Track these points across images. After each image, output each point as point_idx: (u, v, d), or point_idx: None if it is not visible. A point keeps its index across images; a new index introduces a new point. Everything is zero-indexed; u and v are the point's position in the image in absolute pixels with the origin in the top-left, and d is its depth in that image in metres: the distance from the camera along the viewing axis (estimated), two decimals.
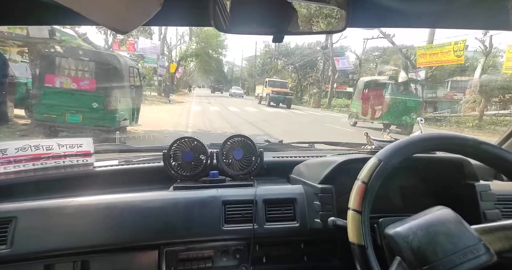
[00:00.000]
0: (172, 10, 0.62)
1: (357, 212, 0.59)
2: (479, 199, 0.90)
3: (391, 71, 18.76)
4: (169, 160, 1.06)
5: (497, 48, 16.98)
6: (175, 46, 25.54)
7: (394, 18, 0.71)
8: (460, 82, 18.51)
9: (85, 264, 0.85)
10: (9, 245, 0.80)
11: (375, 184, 0.60)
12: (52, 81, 5.10)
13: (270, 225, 0.93)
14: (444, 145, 0.63)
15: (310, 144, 1.44)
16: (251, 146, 1.11)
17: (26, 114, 5.89)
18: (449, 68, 17.16)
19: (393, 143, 0.64)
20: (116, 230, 0.86)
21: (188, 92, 29.10)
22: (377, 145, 1.04)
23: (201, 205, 0.92)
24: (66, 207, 0.87)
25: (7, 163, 0.99)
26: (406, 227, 0.59)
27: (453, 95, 17.80)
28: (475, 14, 0.58)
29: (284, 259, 0.96)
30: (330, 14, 0.83)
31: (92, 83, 5.26)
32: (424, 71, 11.76)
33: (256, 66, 39.55)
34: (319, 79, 24.33)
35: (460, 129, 10.93)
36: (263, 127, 8.68)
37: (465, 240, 0.56)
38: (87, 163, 1.09)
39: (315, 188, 0.94)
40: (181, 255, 0.90)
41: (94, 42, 10.41)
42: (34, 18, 0.70)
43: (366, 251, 0.57)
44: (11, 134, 5.27)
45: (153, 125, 7.21)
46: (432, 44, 11.37)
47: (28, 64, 7.28)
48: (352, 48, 42.64)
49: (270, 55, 34.51)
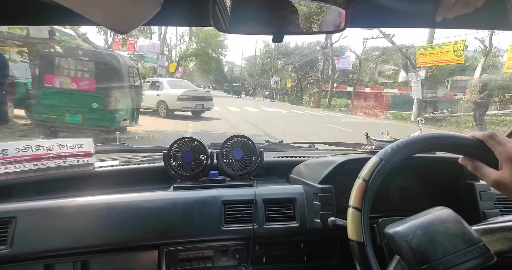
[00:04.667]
0: (172, 10, 0.62)
1: (357, 209, 0.59)
2: (478, 199, 0.90)
3: (391, 70, 18.79)
4: (169, 160, 1.06)
5: (497, 48, 17.01)
6: (175, 46, 25.56)
7: (394, 18, 0.71)
8: (460, 81, 18.52)
9: (85, 264, 0.85)
10: (9, 245, 0.80)
11: (375, 183, 0.60)
12: (51, 81, 5.10)
13: (270, 225, 0.93)
14: (445, 145, 0.63)
15: (310, 144, 1.44)
16: (251, 146, 1.11)
17: (26, 114, 5.89)
18: (449, 67, 17.18)
19: (393, 142, 0.64)
20: (116, 230, 0.86)
21: None
22: (377, 145, 1.04)
23: (201, 205, 0.92)
24: (66, 207, 0.87)
25: (7, 164, 0.99)
26: (405, 226, 0.60)
27: (453, 95, 17.82)
28: (475, 14, 0.58)
29: (284, 259, 0.96)
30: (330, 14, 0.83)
31: (92, 83, 5.26)
32: (424, 70, 11.75)
33: (256, 66, 39.58)
34: (318, 79, 24.33)
35: (460, 129, 10.93)
36: (262, 127, 8.69)
37: (465, 241, 0.56)
38: (87, 164, 1.09)
39: (315, 188, 0.94)
40: (181, 255, 0.90)
41: (94, 42, 10.41)
42: (34, 18, 0.70)
43: (365, 248, 0.57)
44: (11, 134, 5.27)
45: (153, 125, 7.22)
46: (432, 44, 11.37)
47: (28, 64, 7.28)
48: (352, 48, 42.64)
49: (270, 55, 34.54)
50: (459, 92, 17.16)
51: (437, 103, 18.37)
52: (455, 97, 17.15)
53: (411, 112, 13.05)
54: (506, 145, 0.55)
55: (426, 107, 16.30)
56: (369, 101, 17.78)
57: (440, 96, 18.90)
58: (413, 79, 12.20)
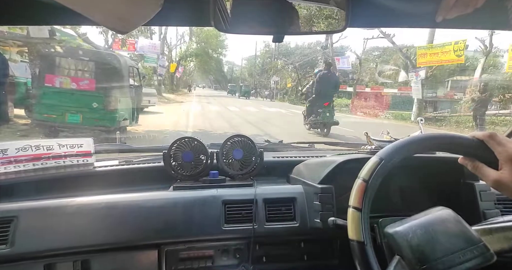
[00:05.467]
0: (172, 10, 0.62)
1: (357, 209, 0.59)
2: (479, 199, 0.90)
3: (391, 70, 18.83)
4: (169, 160, 1.06)
5: (497, 48, 17.00)
6: (175, 46, 25.59)
7: (394, 18, 0.71)
8: (460, 81, 18.51)
9: (86, 263, 0.85)
10: (10, 245, 0.80)
11: (375, 182, 0.61)
12: (52, 81, 5.10)
13: (270, 224, 0.93)
14: (445, 144, 0.63)
15: (310, 144, 1.44)
16: (251, 146, 1.11)
17: (26, 114, 5.89)
18: (449, 67, 17.18)
19: (393, 142, 0.64)
20: (117, 230, 0.86)
21: (187, 92, 29.05)
22: (377, 145, 1.04)
23: (201, 205, 0.92)
24: (67, 206, 0.87)
25: (7, 163, 0.99)
26: (406, 226, 0.60)
27: (453, 94, 17.81)
28: (475, 14, 0.58)
29: (284, 259, 0.96)
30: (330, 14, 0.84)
31: (92, 83, 5.25)
32: (424, 70, 11.75)
33: (256, 65, 39.58)
34: None
35: (460, 129, 10.92)
36: (262, 127, 8.69)
37: (465, 240, 0.56)
38: (87, 163, 1.09)
39: (315, 188, 0.94)
40: (181, 255, 0.91)
41: (94, 42, 10.41)
42: (34, 18, 0.70)
43: (365, 247, 0.57)
44: (11, 134, 5.28)
45: (153, 125, 7.21)
46: (432, 44, 11.38)
47: (28, 64, 7.28)
48: (352, 48, 42.68)
49: (270, 54, 34.54)
50: (459, 92, 17.14)
51: (437, 103, 18.35)
52: (455, 97, 17.13)
53: (411, 112, 13.05)
54: (506, 145, 0.55)
55: (426, 107, 16.29)
56: (369, 101, 17.77)
57: (440, 96, 18.88)
58: (413, 79, 12.21)
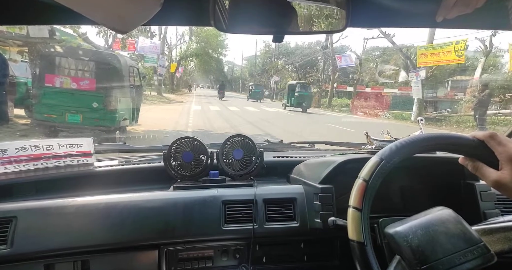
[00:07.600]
0: (172, 10, 0.61)
1: (357, 209, 0.59)
2: (479, 199, 0.90)
3: (391, 70, 18.81)
4: (169, 160, 1.06)
5: (497, 48, 16.99)
6: (175, 45, 25.58)
7: (394, 18, 0.71)
8: (461, 81, 18.52)
9: (85, 263, 0.85)
10: (9, 245, 0.80)
11: (375, 182, 0.60)
12: (52, 81, 5.09)
13: (270, 225, 0.93)
14: (445, 144, 0.63)
15: (310, 144, 1.44)
16: (251, 146, 1.11)
17: (26, 114, 5.88)
18: (450, 67, 17.17)
19: (394, 142, 0.64)
20: (116, 230, 0.86)
21: (188, 92, 29.05)
22: (377, 145, 1.04)
23: (201, 205, 0.92)
24: (66, 207, 0.87)
25: (7, 163, 0.99)
26: (406, 226, 0.59)
27: (454, 94, 17.82)
28: (475, 14, 0.58)
29: (284, 259, 0.96)
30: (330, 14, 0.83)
31: (92, 83, 5.25)
32: (424, 70, 11.75)
33: (256, 65, 39.58)
34: (319, 79, 24.32)
35: (460, 129, 10.92)
36: (262, 127, 8.69)
37: (465, 241, 0.55)
38: (87, 163, 1.09)
39: (315, 188, 0.94)
40: (181, 255, 0.90)
41: (94, 42, 10.42)
42: (34, 18, 0.70)
43: (365, 248, 0.57)
44: (11, 134, 5.27)
45: (153, 125, 7.21)
46: (433, 44, 11.37)
47: (28, 63, 7.27)
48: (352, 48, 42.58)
49: (270, 54, 34.54)
50: (459, 92, 17.15)
51: (437, 103, 18.36)
52: (455, 97, 17.14)
53: (411, 112, 13.06)
54: (506, 145, 0.55)
55: (427, 107, 16.31)
56: (369, 101, 17.79)
57: (441, 96, 18.89)
58: (413, 79, 12.20)
